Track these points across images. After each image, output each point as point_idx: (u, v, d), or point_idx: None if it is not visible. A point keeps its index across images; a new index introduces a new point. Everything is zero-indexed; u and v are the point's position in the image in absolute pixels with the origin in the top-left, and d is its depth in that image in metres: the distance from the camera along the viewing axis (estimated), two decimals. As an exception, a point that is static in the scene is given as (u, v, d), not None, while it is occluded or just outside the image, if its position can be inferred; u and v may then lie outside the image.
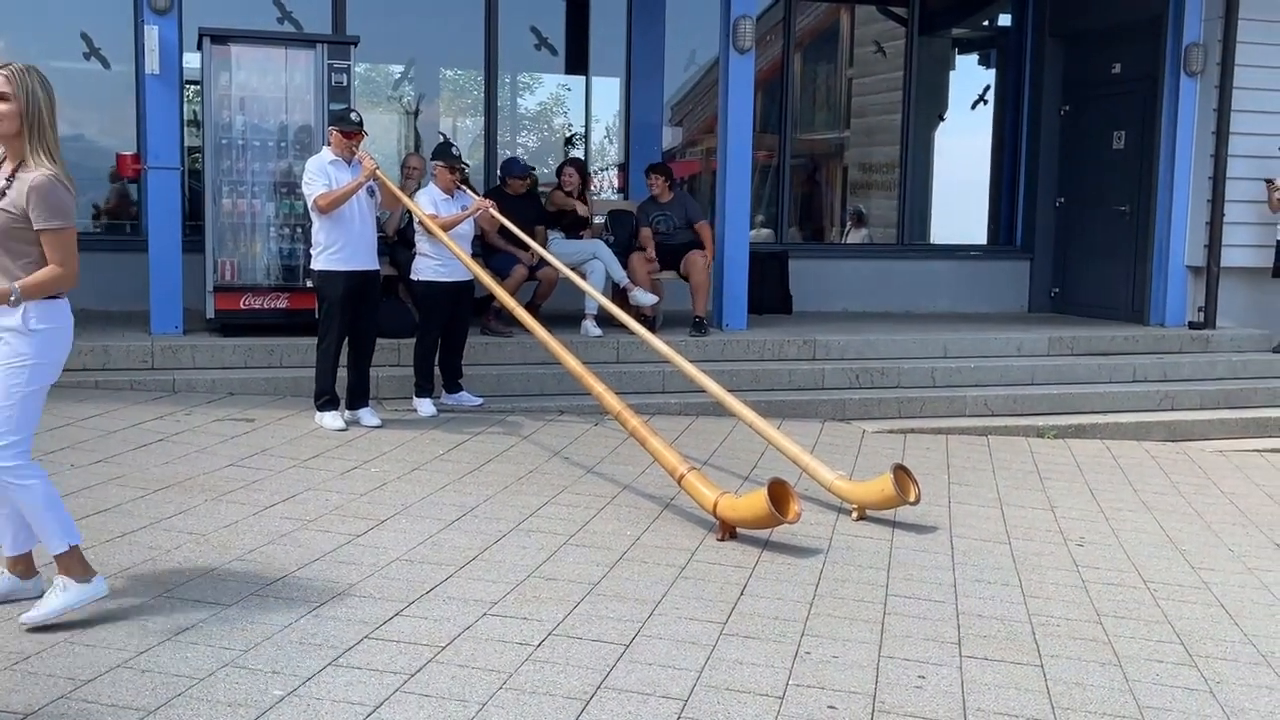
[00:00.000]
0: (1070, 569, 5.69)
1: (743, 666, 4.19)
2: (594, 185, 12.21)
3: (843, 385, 9.19)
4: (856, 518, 6.23)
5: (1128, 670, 4.43)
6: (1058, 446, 8.58)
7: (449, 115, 11.83)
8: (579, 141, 12.18)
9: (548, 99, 12.26)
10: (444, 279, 7.78)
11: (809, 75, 13.15)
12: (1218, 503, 7.34)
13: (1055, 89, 12.31)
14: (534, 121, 12.26)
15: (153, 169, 8.46)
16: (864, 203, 12.97)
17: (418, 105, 11.67)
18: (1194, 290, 11.01)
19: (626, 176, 11.76)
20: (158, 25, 8.32)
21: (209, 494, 5.87)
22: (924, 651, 4.46)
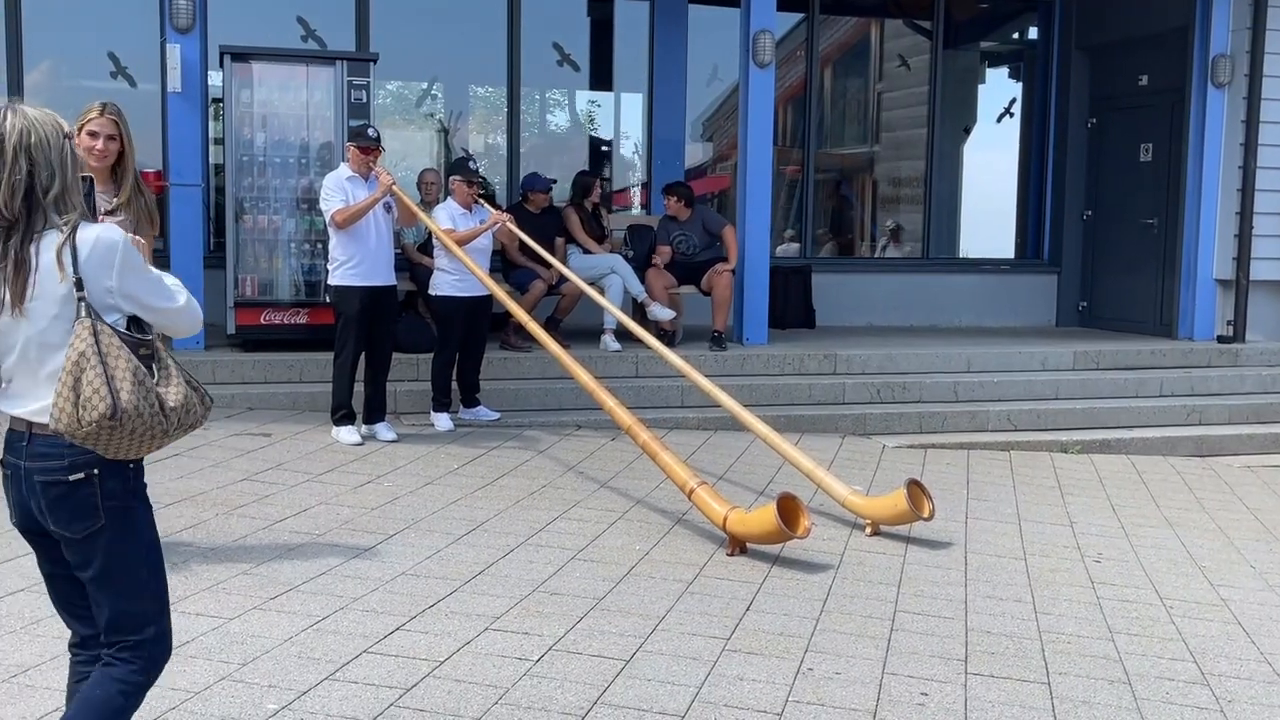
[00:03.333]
0: (1085, 585, 5.61)
1: (743, 683, 4.16)
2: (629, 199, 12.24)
3: (863, 400, 9.14)
4: (870, 533, 6.18)
5: (1137, 688, 4.36)
6: (1081, 462, 8.49)
7: (471, 131, 11.87)
8: (603, 158, 12.20)
9: (570, 115, 12.29)
10: (462, 294, 7.80)
11: (838, 89, 13.13)
12: (1242, 518, 7.23)
13: (1082, 101, 12.23)
14: (556, 137, 12.28)
15: (175, 186, 8.54)
16: (894, 217, 12.92)
17: (440, 122, 11.72)
18: (1223, 303, 10.89)
19: (649, 193, 11.76)
20: (180, 44, 8.40)
21: (221, 508, 5.89)
22: (929, 668, 4.41)
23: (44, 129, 2.66)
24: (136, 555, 2.81)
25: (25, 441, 2.73)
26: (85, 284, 2.65)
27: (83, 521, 2.72)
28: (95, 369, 2.61)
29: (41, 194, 2.64)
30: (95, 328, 2.64)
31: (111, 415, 2.60)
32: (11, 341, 2.70)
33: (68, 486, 2.71)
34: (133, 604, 2.81)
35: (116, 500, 2.75)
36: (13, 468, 2.77)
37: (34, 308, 2.65)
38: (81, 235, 2.66)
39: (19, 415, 2.74)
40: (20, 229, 2.64)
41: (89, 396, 2.59)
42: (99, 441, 2.65)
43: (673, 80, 11.57)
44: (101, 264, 2.68)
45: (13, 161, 2.62)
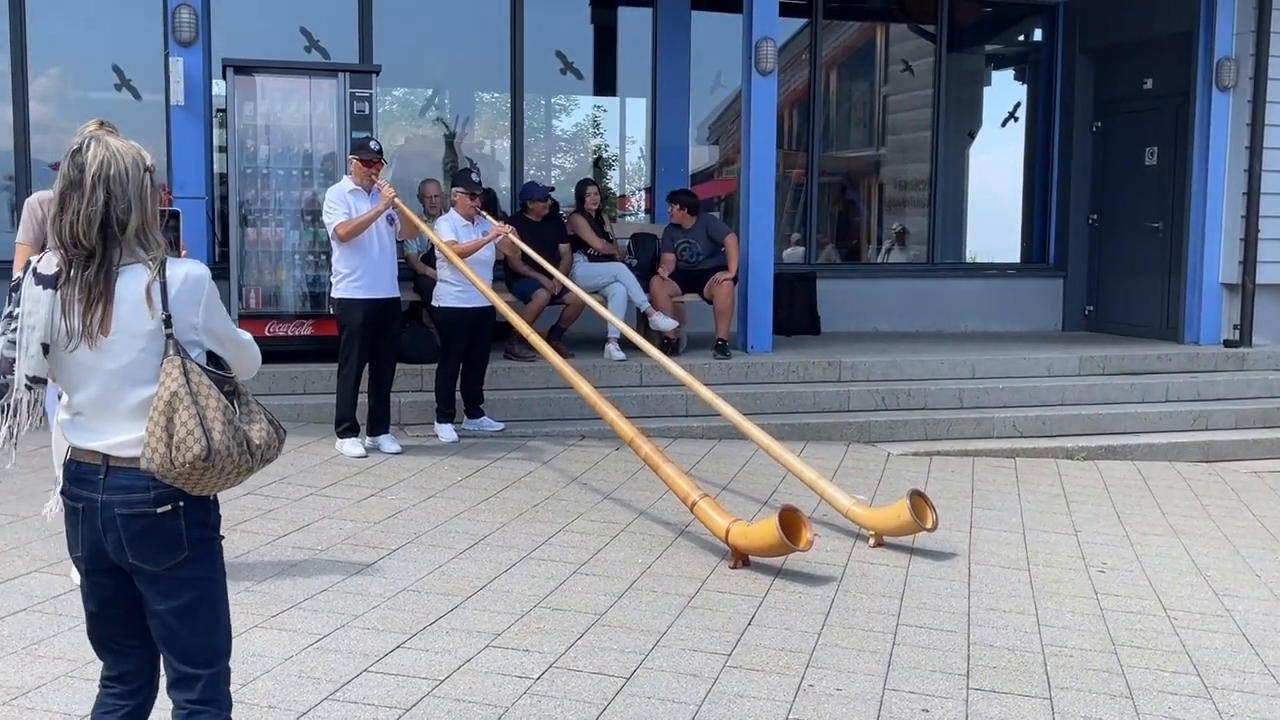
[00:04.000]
0: (1089, 596, 5.59)
1: (743, 700, 4.15)
2: (630, 205, 12.24)
3: (868, 407, 9.12)
4: (873, 544, 6.17)
5: (1139, 703, 4.34)
6: (1087, 468, 8.46)
7: (474, 138, 11.87)
8: (611, 164, 12.22)
9: (574, 122, 12.30)
10: (465, 305, 7.80)
11: (844, 93, 13.12)
12: (1248, 526, 7.20)
13: (1087, 105, 12.20)
14: (560, 145, 12.29)
15: (179, 199, 8.55)
16: (899, 220, 12.90)
17: (445, 129, 11.73)
18: (1229, 307, 10.85)
19: (653, 199, 11.76)
20: (182, 57, 8.43)
21: (224, 524, 5.87)
22: (930, 684, 4.40)
23: (124, 161, 2.66)
24: (217, 588, 2.82)
25: (102, 474, 2.69)
26: (173, 320, 2.66)
27: (168, 554, 2.71)
28: (188, 409, 2.60)
29: (118, 226, 2.63)
30: (185, 366, 2.64)
31: (206, 457, 2.60)
32: (88, 374, 2.68)
33: (154, 519, 2.68)
34: (209, 637, 2.81)
35: (200, 532, 2.75)
36: (85, 501, 2.71)
37: (116, 341, 2.64)
38: (171, 272, 2.67)
39: (94, 448, 2.70)
40: (97, 260, 2.63)
41: (183, 438, 2.59)
42: (189, 481, 2.65)
43: (676, 87, 11.57)
44: (190, 301, 2.69)
45: (91, 191, 2.62)
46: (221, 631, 2.84)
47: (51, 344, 2.65)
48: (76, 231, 2.61)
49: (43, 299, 2.64)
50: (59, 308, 2.63)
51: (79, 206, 2.61)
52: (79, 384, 2.69)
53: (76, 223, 2.61)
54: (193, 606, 2.75)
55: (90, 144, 2.65)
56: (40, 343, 2.64)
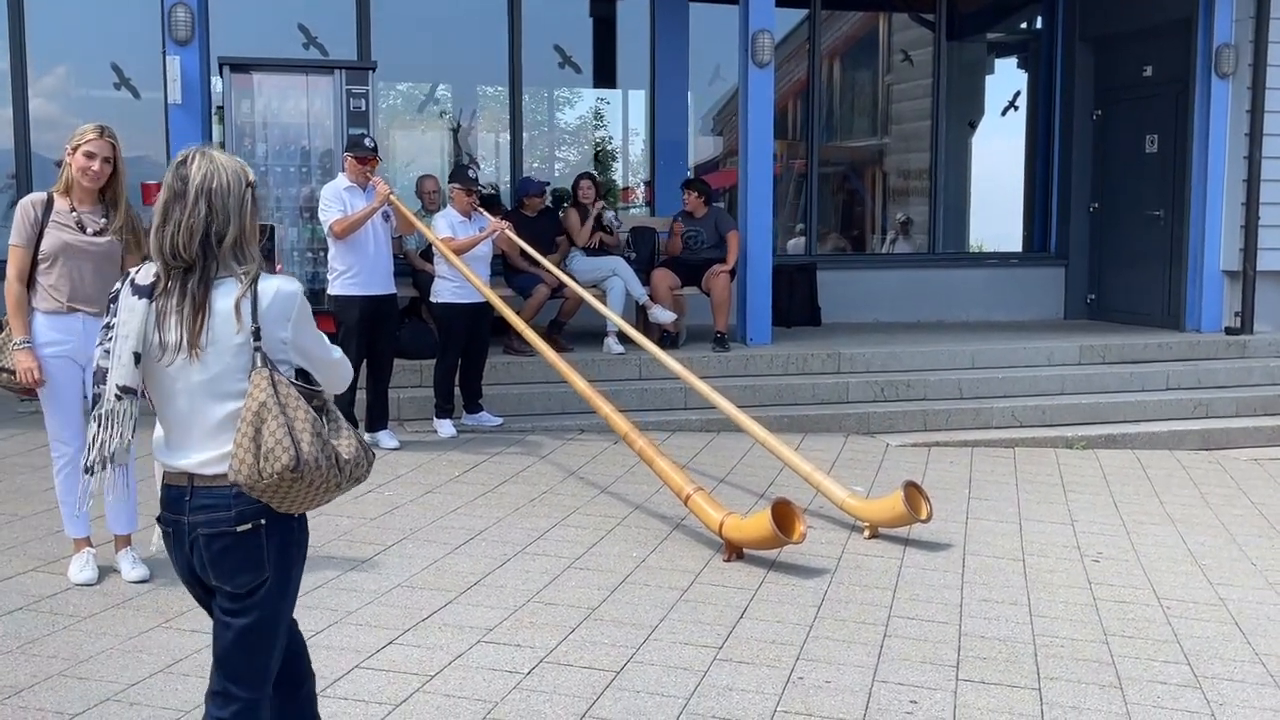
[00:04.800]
0: (1083, 586, 5.60)
1: (731, 693, 4.17)
2: (633, 197, 12.25)
3: (867, 399, 9.13)
4: (868, 536, 6.18)
5: (1128, 693, 4.35)
6: (1086, 458, 8.46)
7: (473, 132, 11.89)
8: (614, 155, 12.23)
9: (573, 115, 12.31)
10: (463, 300, 7.82)
11: (846, 82, 13.11)
12: (1246, 514, 7.19)
13: (1087, 93, 12.18)
14: (563, 138, 12.31)
15: (177, 197, 8.58)
16: (903, 209, 12.90)
17: (443, 123, 11.76)
18: (1230, 295, 10.83)
19: (653, 192, 11.77)
20: (179, 56, 8.45)
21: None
22: (920, 675, 4.42)
23: (227, 175, 2.68)
24: (283, 615, 2.81)
25: (188, 496, 2.70)
26: (262, 334, 2.67)
27: (247, 575, 2.71)
28: (276, 419, 2.60)
29: (217, 240, 2.66)
30: (273, 378, 2.64)
31: (294, 467, 2.58)
32: (176, 387, 2.69)
33: (234, 538, 2.68)
34: (262, 660, 2.80)
35: (280, 554, 2.74)
36: (174, 524, 2.74)
37: (207, 353, 2.65)
38: (262, 286, 2.69)
39: (181, 468, 2.71)
40: (196, 272, 2.65)
41: (271, 448, 2.58)
42: (276, 495, 2.64)
43: (675, 81, 11.59)
44: (280, 316, 2.70)
45: (193, 204, 2.64)
46: (275, 657, 2.83)
47: (144, 354, 2.67)
48: (177, 243, 2.64)
49: (137, 309, 2.67)
50: (153, 318, 2.66)
51: (180, 218, 2.64)
52: (167, 397, 2.71)
53: (178, 234, 2.64)
54: (255, 628, 2.75)
55: (195, 157, 2.68)
56: (133, 351, 2.66)
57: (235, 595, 2.72)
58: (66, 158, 4.86)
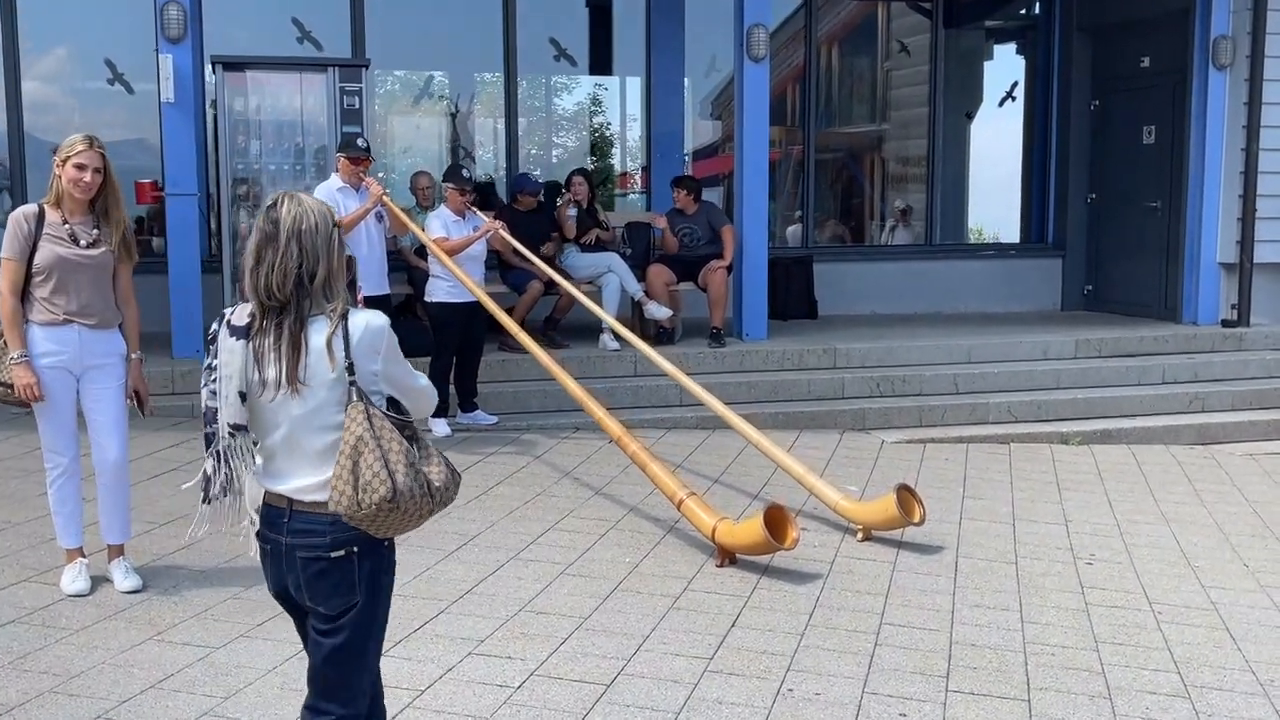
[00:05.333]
0: (1075, 590, 5.61)
1: (721, 706, 4.18)
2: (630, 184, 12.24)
3: (863, 394, 9.13)
4: (861, 538, 6.19)
5: (1117, 704, 4.37)
6: (1082, 453, 8.47)
7: (471, 119, 11.86)
8: (611, 142, 12.22)
9: (570, 102, 12.29)
10: (458, 300, 7.81)
11: (845, 68, 13.07)
12: (1240, 512, 7.20)
13: (1084, 83, 12.14)
14: (556, 125, 12.29)
15: (171, 196, 8.57)
16: (902, 196, 12.88)
17: (437, 120, 11.74)
18: (1227, 287, 10.82)
19: (648, 183, 11.73)
20: (172, 54, 8.42)
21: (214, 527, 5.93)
22: (909, 686, 4.43)
23: (315, 217, 2.80)
24: (375, 634, 2.93)
25: (286, 518, 2.84)
26: (355, 368, 2.78)
27: (340, 597, 2.84)
28: (373, 452, 2.72)
29: (309, 278, 2.76)
30: (369, 411, 2.76)
31: (391, 498, 2.70)
32: (277, 420, 2.82)
33: (329, 563, 2.82)
34: (355, 677, 2.91)
35: (372, 577, 2.87)
36: (272, 543, 2.88)
37: (305, 388, 2.78)
38: (352, 321, 2.80)
39: (280, 491, 2.85)
40: (291, 311, 2.77)
41: (369, 480, 2.70)
42: (373, 523, 2.76)
43: (670, 69, 11.54)
44: (370, 349, 2.83)
45: (285, 246, 2.75)
46: (366, 673, 2.94)
47: (247, 391, 2.79)
48: (271, 283, 2.75)
49: (236, 349, 2.79)
50: (251, 357, 2.78)
51: (274, 259, 2.75)
52: (268, 429, 2.84)
53: (272, 274, 2.75)
54: (348, 646, 2.87)
55: (284, 200, 2.80)
56: (238, 391, 2.79)
57: (328, 616, 2.85)
58: (56, 170, 4.85)
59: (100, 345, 4.96)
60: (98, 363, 4.96)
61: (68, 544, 5.08)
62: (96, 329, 4.94)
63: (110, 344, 5.01)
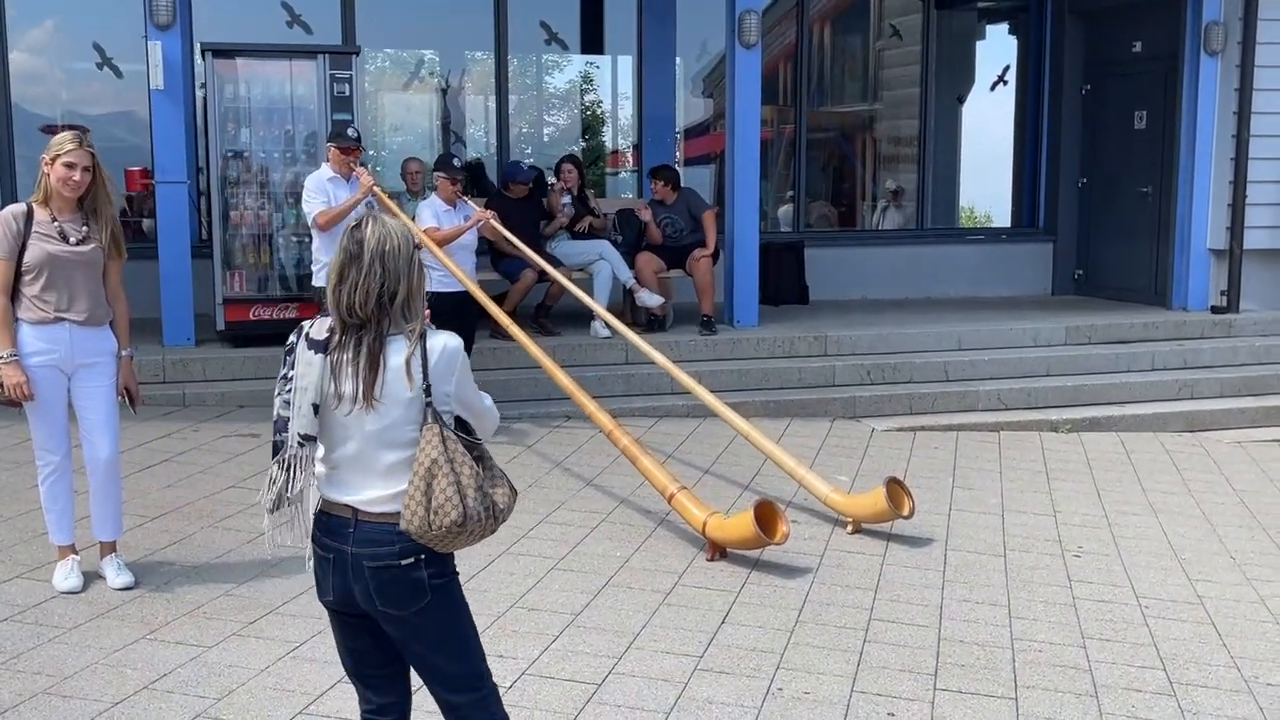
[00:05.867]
0: (1063, 584, 5.65)
1: (712, 706, 4.22)
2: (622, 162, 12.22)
3: (854, 382, 9.15)
4: (851, 531, 6.22)
5: (1104, 702, 4.41)
6: (1071, 441, 8.50)
7: (461, 96, 11.82)
8: (603, 120, 12.20)
9: (561, 80, 12.26)
10: (449, 289, 7.78)
11: (838, 47, 13.02)
12: (1227, 502, 7.24)
13: (1076, 68, 12.12)
14: (546, 104, 12.26)
15: (160, 183, 8.55)
16: (894, 177, 12.88)
17: (430, 89, 11.70)
18: (1217, 273, 10.85)
19: (640, 155, 11.70)
20: (161, 41, 8.38)
21: (206, 520, 5.96)
22: (898, 685, 4.47)
23: (397, 239, 2.87)
24: (463, 620, 3.02)
25: (351, 528, 2.90)
26: (432, 389, 2.86)
27: (412, 601, 2.90)
28: (447, 476, 2.81)
29: (389, 299, 2.83)
30: (444, 434, 2.84)
31: (461, 523, 2.82)
32: (348, 434, 2.88)
33: (399, 570, 2.89)
34: (466, 664, 3.02)
35: (440, 580, 2.94)
36: (335, 552, 2.92)
37: (380, 405, 2.84)
38: (430, 343, 2.88)
39: (346, 502, 2.91)
40: (372, 329, 2.84)
41: (441, 504, 2.80)
42: (441, 542, 2.86)
43: (662, 51, 11.50)
44: (446, 371, 2.90)
45: (369, 266, 2.82)
46: (476, 656, 3.04)
47: (321, 404, 2.85)
48: (353, 301, 2.82)
49: (314, 362, 2.85)
50: (328, 371, 2.84)
51: (357, 279, 2.82)
52: (338, 442, 2.90)
53: (354, 293, 2.82)
54: (442, 640, 2.97)
55: (368, 222, 2.88)
56: (312, 403, 2.85)
57: (403, 619, 2.92)
58: (44, 168, 4.84)
59: (91, 343, 4.96)
60: (89, 361, 4.96)
61: (59, 541, 5.09)
62: (87, 326, 4.94)
63: (101, 341, 5.01)
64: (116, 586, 5.02)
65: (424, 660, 2.98)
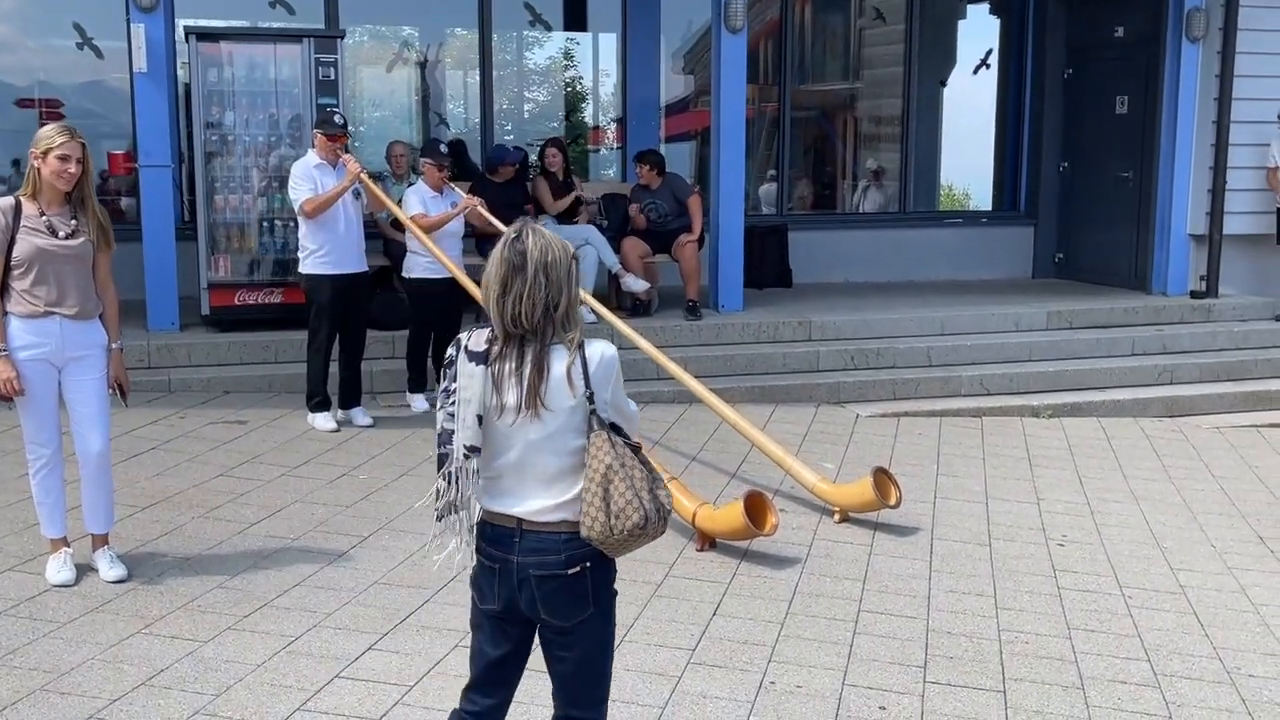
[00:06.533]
0: (1048, 574, 5.72)
1: (706, 701, 4.26)
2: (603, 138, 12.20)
3: (838, 367, 9.21)
4: (838, 520, 6.28)
5: (1090, 694, 4.48)
6: (1052, 427, 8.59)
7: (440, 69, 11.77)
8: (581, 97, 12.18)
9: (542, 56, 12.23)
10: (435, 276, 7.79)
11: (819, 25, 13.00)
12: (1207, 489, 7.34)
13: (1059, 52, 12.17)
14: (527, 80, 12.23)
15: (144, 167, 8.50)
16: (874, 157, 12.90)
17: (411, 62, 11.64)
18: (1196, 258, 10.94)
19: (624, 130, 11.68)
20: (144, 23, 8.31)
21: (197, 510, 5.96)
22: (888, 678, 4.52)
23: (558, 250, 2.92)
24: (608, 642, 3.10)
25: (516, 538, 2.96)
26: (594, 397, 2.91)
27: (575, 611, 2.97)
28: (623, 480, 2.87)
29: (553, 308, 2.88)
30: (612, 440, 2.91)
31: (642, 525, 2.87)
32: (511, 443, 2.93)
33: (565, 580, 2.95)
34: (596, 687, 3.10)
35: (604, 590, 3.02)
36: (500, 562, 2.98)
37: (544, 413, 2.90)
38: (588, 351, 2.94)
39: (510, 513, 2.97)
40: (536, 339, 2.89)
41: (622, 508, 2.86)
42: (621, 547, 2.93)
43: (647, 36, 11.48)
44: (605, 378, 2.96)
45: (534, 278, 2.86)
46: (606, 680, 3.13)
47: (484, 415, 2.89)
48: (519, 312, 2.87)
49: (477, 374, 2.90)
50: (490, 382, 2.88)
51: (522, 290, 2.86)
52: (500, 451, 2.95)
53: (519, 304, 2.86)
54: (588, 657, 3.04)
55: (529, 234, 2.91)
56: (476, 414, 2.89)
57: (564, 630, 3.00)
58: (34, 162, 4.82)
59: (81, 336, 4.95)
60: (79, 354, 4.95)
61: (51, 534, 5.09)
62: (77, 320, 4.93)
63: (91, 335, 5.00)
64: (110, 579, 5.03)
65: (565, 672, 3.04)
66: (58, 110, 9.75)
